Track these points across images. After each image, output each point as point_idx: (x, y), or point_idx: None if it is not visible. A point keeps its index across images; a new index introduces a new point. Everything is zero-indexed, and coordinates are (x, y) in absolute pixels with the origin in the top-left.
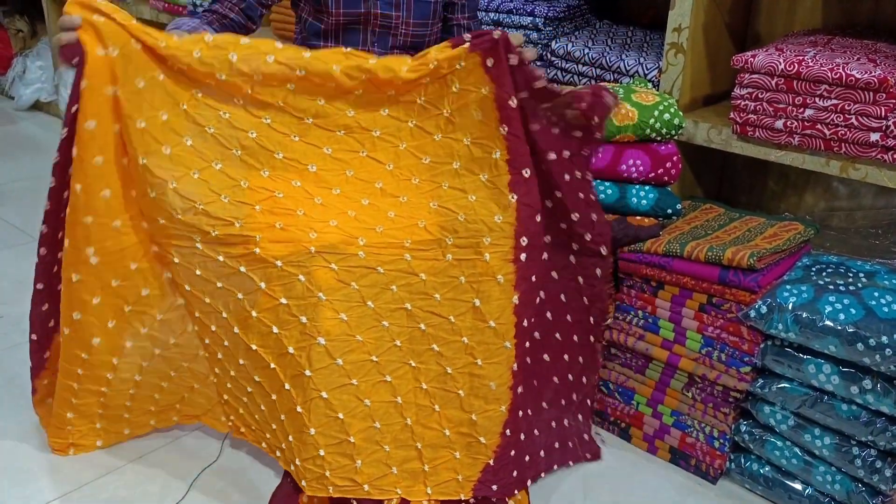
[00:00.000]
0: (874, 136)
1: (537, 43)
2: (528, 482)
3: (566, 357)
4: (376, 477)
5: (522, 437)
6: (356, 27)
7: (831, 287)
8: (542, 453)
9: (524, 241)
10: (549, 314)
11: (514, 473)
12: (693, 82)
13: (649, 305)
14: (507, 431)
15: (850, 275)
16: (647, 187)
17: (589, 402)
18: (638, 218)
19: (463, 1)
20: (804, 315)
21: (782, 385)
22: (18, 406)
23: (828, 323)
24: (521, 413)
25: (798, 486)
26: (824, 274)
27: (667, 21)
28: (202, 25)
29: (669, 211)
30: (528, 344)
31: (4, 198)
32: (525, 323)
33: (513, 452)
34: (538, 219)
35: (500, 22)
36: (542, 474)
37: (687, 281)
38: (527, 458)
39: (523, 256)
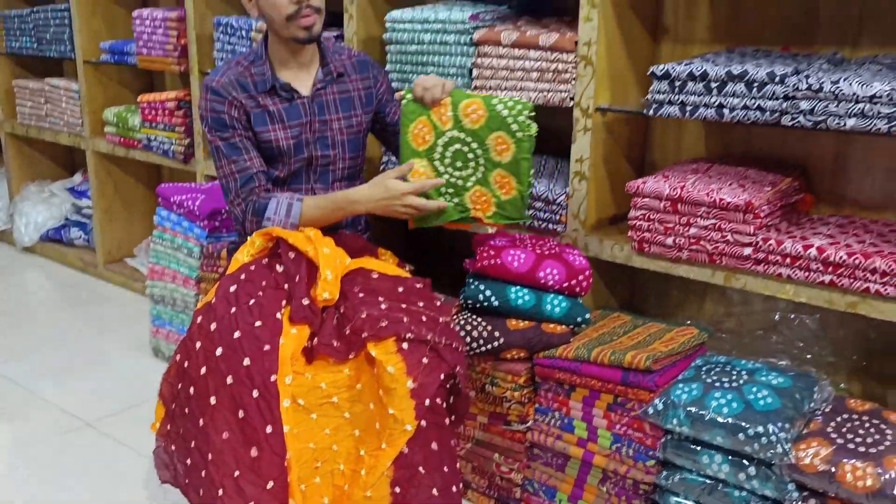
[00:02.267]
0: (747, 251)
1: None
2: None
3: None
4: None
5: (413, 490)
6: (300, 170)
7: (717, 384)
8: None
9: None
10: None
11: None
12: (597, 205)
13: (564, 407)
14: (397, 489)
15: (735, 372)
16: (560, 297)
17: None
18: (551, 325)
19: (387, 96)
20: (694, 410)
21: (683, 476)
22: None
23: (713, 416)
24: (407, 472)
25: None
26: (713, 372)
27: None
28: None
29: (579, 319)
30: (424, 423)
31: None
32: (427, 402)
33: None
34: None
35: None
36: None
37: (595, 383)
38: None
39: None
